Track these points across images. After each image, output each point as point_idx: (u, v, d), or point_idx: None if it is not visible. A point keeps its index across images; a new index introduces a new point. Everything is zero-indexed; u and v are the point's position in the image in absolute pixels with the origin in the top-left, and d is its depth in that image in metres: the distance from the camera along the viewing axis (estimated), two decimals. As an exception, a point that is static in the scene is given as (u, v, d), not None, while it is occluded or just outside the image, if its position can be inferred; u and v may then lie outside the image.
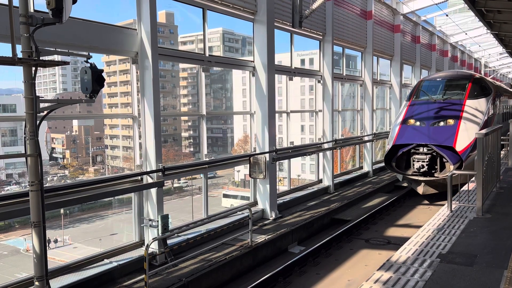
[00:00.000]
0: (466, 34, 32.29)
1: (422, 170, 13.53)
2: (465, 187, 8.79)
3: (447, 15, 26.31)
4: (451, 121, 13.82)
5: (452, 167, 12.95)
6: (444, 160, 13.40)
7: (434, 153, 13.48)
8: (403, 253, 5.67)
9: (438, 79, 16.05)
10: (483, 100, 14.80)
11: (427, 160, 13.46)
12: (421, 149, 13.65)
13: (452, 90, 15.17)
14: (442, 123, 13.92)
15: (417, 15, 25.95)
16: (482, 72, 44.82)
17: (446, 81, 15.61)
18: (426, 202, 15.22)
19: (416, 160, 13.71)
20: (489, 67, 48.59)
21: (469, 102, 14.44)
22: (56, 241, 25.40)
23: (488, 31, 19.31)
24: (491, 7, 14.04)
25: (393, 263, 5.35)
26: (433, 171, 13.67)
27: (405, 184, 16.95)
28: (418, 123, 14.30)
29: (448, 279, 4.87)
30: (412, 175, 13.97)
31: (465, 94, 14.70)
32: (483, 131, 7.67)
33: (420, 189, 14.08)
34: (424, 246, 5.92)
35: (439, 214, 7.66)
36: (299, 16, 12.75)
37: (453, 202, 7.93)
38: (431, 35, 30.00)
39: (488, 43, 36.25)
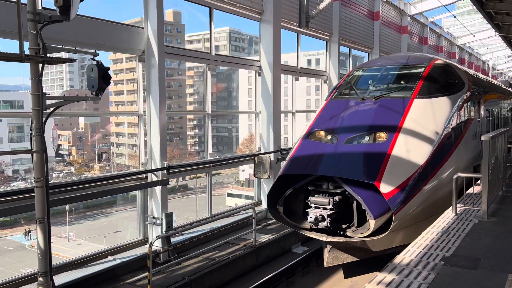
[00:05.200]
0: (474, 36, 32.12)
1: (322, 224, 7.54)
2: (470, 190, 8.73)
3: (455, 17, 26.17)
4: (382, 136, 8.13)
5: (372, 222, 7.28)
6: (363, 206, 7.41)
7: (348, 193, 7.61)
8: (406, 255, 5.64)
9: (377, 66, 10.27)
10: (444, 99, 9.14)
11: (331, 206, 7.51)
12: (324, 185, 7.76)
13: (397, 84, 9.48)
14: (366, 139, 8.18)
15: (424, 16, 25.84)
16: (490, 75, 44.39)
17: (389, 69, 9.91)
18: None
19: (313, 204, 7.66)
20: (497, 70, 48.29)
21: (418, 103, 8.74)
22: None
23: (497, 33, 19.17)
24: (500, 9, 13.93)
25: (396, 265, 5.32)
26: (345, 226, 7.80)
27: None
28: (328, 137, 8.51)
29: (451, 282, 4.84)
30: (310, 230, 8.00)
31: (414, 90, 8.98)
32: (490, 134, 7.36)
33: (325, 256, 8.14)
34: (428, 249, 5.88)
35: (444, 217, 7.62)
36: (306, 16, 12.75)
37: (458, 205, 7.88)
38: (438, 37, 29.85)
39: (496, 45, 36.04)
